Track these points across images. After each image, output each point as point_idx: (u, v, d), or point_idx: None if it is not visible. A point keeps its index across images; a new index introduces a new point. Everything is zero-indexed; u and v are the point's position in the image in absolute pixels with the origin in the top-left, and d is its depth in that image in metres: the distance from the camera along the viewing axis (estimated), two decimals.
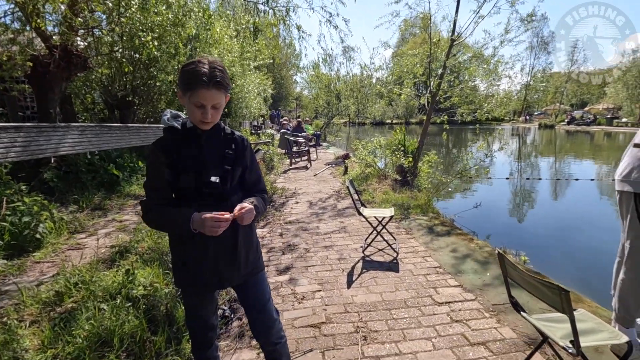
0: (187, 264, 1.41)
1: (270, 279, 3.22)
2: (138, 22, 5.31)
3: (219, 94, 1.27)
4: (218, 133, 1.41)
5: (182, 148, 1.34)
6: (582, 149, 20.09)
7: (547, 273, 3.46)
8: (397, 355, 2.18)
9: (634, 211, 2.01)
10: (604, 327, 1.75)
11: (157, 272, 2.39)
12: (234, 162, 1.40)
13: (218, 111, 1.32)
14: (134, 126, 2.25)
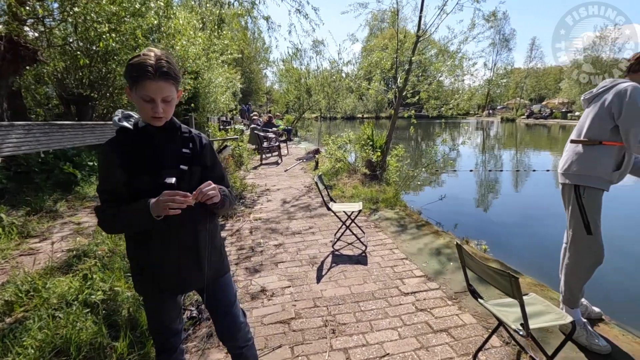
0: (146, 269, 1.36)
1: (240, 277, 3.20)
2: (92, 12, 5.01)
3: (167, 86, 1.21)
4: (173, 131, 1.35)
5: (136, 148, 1.28)
6: (540, 142, 21.29)
7: (506, 260, 3.66)
8: (364, 346, 2.23)
9: (575, 202, 2.17)
10: (551, 309, 1.88)
11: (119, 275, 2.30)
12: (191, 162, 1.36)
13: (170, 105, 1.26)
14: (89, 124, 2.11)
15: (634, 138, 1.86)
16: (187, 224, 1.30)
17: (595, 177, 2.12)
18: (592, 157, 2.12)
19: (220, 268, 1.49)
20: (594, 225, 2.14)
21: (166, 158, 1.31)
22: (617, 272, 3.84)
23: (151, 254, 1.33)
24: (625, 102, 1.90)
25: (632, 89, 1.91)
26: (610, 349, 2.11)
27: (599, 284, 3.43)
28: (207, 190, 1.22)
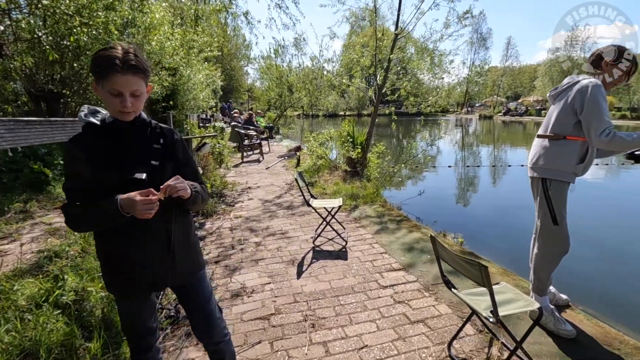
0: (117, 268, 1.33)
1: (220, 275, 3.17)
2: (63, 5, 4.82)
3: (136, 80, 1.19)
4: (143, 126, 1.33)
5: (103, 144, 1.25)
6: (516, 138, 21.96)
7: (481, 252, 3.78)
8: (343, 339, 2.27)
9: (542, 194, 2.27)
10: (520, 297, 1.96)
11: (92, 275, 2.24)
12: (163, 157, 1.34)
13: (139, 100, 1.24)
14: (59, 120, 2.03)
15: (594, 132, 1.96)
16: (158, 221, 1.27)
17: (560, 170, 2.22)
18: (558, 152, 2.21)
19: (194, 265, 1.48)
20: (560, 217, 2.24)
21: (136, 153, 1.29)
22: (583, 261, 4.02)
23: (122, 251, 1.30)
24: (587, 98, 1.99)
25: (592, 86, 2.00)
26: (575, 333, 2.22)
27: (567, 273, 3.59)
28: (176, 183, 1.21)
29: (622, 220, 5.76)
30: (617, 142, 1.85)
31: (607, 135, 1.86)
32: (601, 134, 1.88)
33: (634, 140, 1.86)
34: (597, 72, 2.20)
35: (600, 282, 3.63)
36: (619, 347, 2.13)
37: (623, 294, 3.41)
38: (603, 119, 1.90)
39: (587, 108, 1.98)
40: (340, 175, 6.74)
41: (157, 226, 1.31)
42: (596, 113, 1.94)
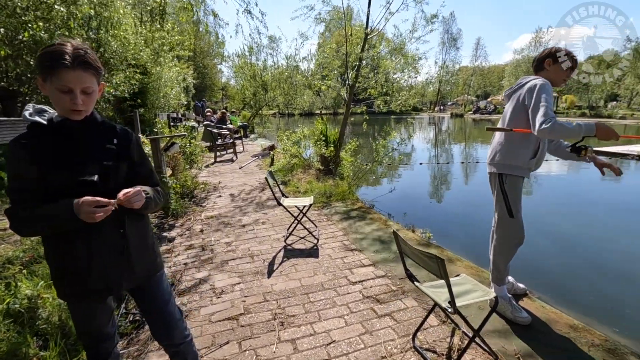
0: (68, 272, 1.27)
1: (188, 276, 3.12)
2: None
3: (87, 76, 1.16)
4: (95, 125, 1.29)
5: (51, 143, 1.20)
6: (486, 135, 22.77)
7: (449, 246, 3.90)
8: (311, 336, 2.29)
9: (499, 188, 2.38)
10: (478, 288, 2.05)
11: (48, 281, 2.15)
12: (116, 157, 1.30)
13: (90, 98, 1.20)
14: (9, 120, 1.91)
15: (537, 122, 2.04)
16: (111, 223, 1.24)
17: (515, 165, 2.33)
18: (512, 148, 2.33)
19: (152, 267, 1.45)
20: (515, 209, 2.35)
21: (87, 153, 1.25)
22: (542, 253, 4.25)
23: (75, 255, 1.25)
24: (534, 94, 2.12)
25: (540, 84, 2.13)
26: (531, 320, 2.34)
27: (528, 264, 3.79)
28: (130, 196, 1.20)
29: (582, 214, 6.11)
30: (557, 129, 1.96)
31: (548, 124, 1.97)
32: (542, 124, 1.99)
33: (573, 128, 1.98)
34: (541, 73, 2.35)
35: (557, 272, 3.84)
36: (569, 331, 2.27)
37: (576, 283, 3.63)
38: (546, 111, 2.02)
39: (533, 102, 2.10)
40: (314, 174, 6.77)
41: (110, 229, 1.27)
42: (540, 106, 2.05)
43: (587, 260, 4.20)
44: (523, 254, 2.46)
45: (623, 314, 3.02)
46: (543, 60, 2.30)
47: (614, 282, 3.63)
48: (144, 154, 1.44)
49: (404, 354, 2.10)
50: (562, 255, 4.33)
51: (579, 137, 2.03)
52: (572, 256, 4.31)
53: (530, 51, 45.25)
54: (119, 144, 1.33)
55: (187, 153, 7.42)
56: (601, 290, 3.46)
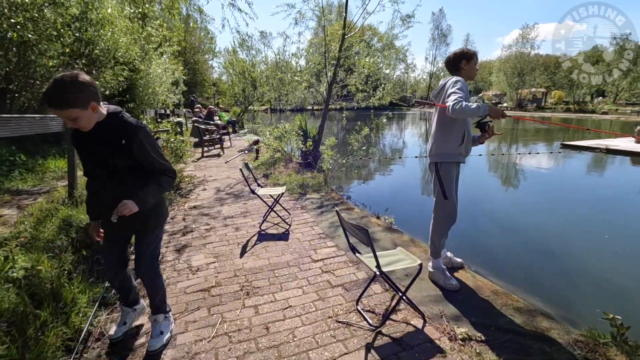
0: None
1: (169, 257, 3.46)
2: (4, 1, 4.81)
3: (63, 112, 1.55)
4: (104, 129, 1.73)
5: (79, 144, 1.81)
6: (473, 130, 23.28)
7: (410, 231, 4.28)
8: (272, 302, 2.66)
9: (435, 174, 2.77)
10: (409, 257, 2.44)
11: (41, 257, 2.48)
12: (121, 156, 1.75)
13: (79, 120, 1.61)
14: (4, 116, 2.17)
15: (450, 105, 2.43)
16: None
17: (446, 153, 2.72)
18: (443, 139, 2.72)
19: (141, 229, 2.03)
20: (449, 192, 2.74)
21: (97, 155, 1.77)
22: (485, 232, 4.69)
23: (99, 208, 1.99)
24: (450, 86, 2.53)
25: (456, 79, 2.55)
26: (459, 286, 2.75)
27: (472, 242, 4.22)
28: (122, 210, 1.71)
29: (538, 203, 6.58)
30: (463, 108, 2.36)
31: (457, 104, 2.37)
32: (453, 105, 2.38)
33: (474, 108, 2.39)
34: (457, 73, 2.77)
35: (497, 250, 4.28)
36: (490, 295, 2.68)
37: (512, 260, 4.07)
38: (455, 97, 2.42)
39: (449, 91, 2.50)
40: (294, 167, 7.12)
41: None
42: (452, 92, 2.46)
43: (526, 240, 4.65)
44: (471, 234, 2.86)
45: (547, 284, 3.45)
46: (459, 62, 2.70)
47: (547, 259, 4.07)
48: (146, 150, 1.79)
49: (347, 314, 2.48)
50: (504, 235, 4.81)
51: (479, 114, 2.47)
52: (512, 236, 4.77)
53: (518, 47, 45.92)
54: (126, 144, 1.73)
55: (172, 148, 7.70)
56: (531, 265, 3.90)
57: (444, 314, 2.45)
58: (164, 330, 2.21)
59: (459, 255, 3.22)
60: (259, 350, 2.13)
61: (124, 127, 1.73)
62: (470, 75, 2.77)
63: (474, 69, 2.77)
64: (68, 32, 6.25)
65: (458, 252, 3.31)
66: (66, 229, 3.03)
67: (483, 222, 5.30)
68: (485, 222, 5.29)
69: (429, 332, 2.26)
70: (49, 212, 3.26)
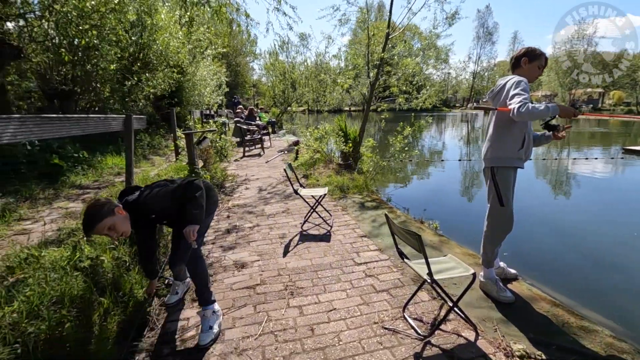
0: None
1: (215, 253, 3.58)
2: (73, 9, 5.24)
3: (97, 232, 1.95)
4: (139, 219, 2.18)
5: None
6: None
7: (456, 238, 4.11)
8: (316, 304, 2.65)
9: (491, 179, 2.62)
10: (461, 266, 2.32)
11: (104, 248, 2.65)
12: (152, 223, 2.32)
13: (115, 229, 1.98)
14: (74, 116, 2.38)
15: (515, 107, 2.27)
16: None
17: (504, 157, 2.56)
18: (501, 142, 2.56)
19: None
20: (506, 199, 2.59)
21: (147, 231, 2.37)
22: (547, 243, 4.37)
23: None
24: (512, 86, 2.38)
25: (517, 79, 2.39)
26: (514, 299, 2.58)
27: (532, 253, 3.96)
28: (189, 236, 2.03)
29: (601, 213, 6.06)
30: (530, 110, 2.19)
31: (523, 107, 2.21)
32: (518, 108, 2.22)
33: (542, 109, 2.21)
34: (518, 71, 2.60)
35: (558, 261, 3.97)
36: (549, 309, 2.49)
37: (576, 274, 3.75)
38: (520, 99, 2.25)
39: (511, 92, 2.34)
40: (334, 168, 7.11)
41: None
42: (515, 94, 2.30)
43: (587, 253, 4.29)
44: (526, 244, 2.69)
45: (613, 301, 3.15)
46: (520, 59, 2.53)
47: (611, 273, 3.72)
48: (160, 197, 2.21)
49: (394, 320, 2.42)
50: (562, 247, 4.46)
51: (547, 116, 2.31)
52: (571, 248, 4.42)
53: (572, 44, 42.77)
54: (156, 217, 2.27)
55: (217, 147, 7.99)
56: (595, 280, 3.58)
57: (497, 327, 2.31)
58: (212, 325, 2.28)
59: (512, 266, 3.03)
60: (305, 352, 2.13)
61: (141, 207, 2.16)
62: (530, 77, 2.56)
63: (535, 71, 2.58)
64: (126, 37, 6.69)
65: (512, 262, 3.12)
66: None
67: (539, 231, 4.96)
68: (541, 232, 4.94)
69: (482, 346, 2.14)
70: None
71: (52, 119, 2.36)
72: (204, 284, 2.34)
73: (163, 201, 2.19)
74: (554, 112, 2.24)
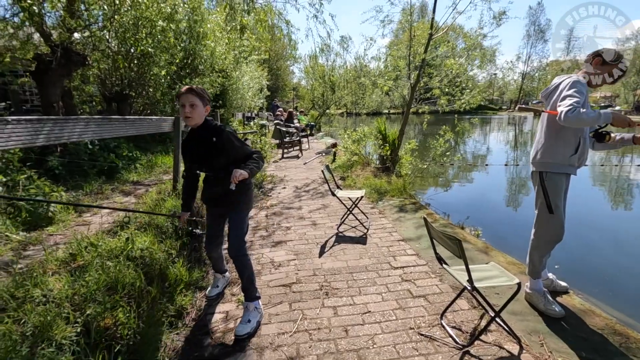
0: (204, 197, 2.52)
1: (253, 251, 3.69)
2: (131, 19, 5.67)
3: (188, 96, 2.16)
4: (203, 129, 2.28)
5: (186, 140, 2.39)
6: None
7: (499, 246, 3.92)
8: (351, 305, 2.65)
9: (539, 185, 2.47)
10: (505, 275, 2.22)
11: (152, 240, 2.84)
12: (216, 148, 2.23)
13: (194, 109, 2.17)
14: (131, 118, 2.64)
15: (563, 112, 2.11)
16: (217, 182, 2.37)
17: (554, 163, 2.41)
18: (551, 146, 2.41)
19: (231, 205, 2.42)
20: (555, 206, 2.43)
21: (198, 147, 2.30)
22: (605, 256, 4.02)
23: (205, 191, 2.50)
24: (565, 88, 2.21)
25: (573, 80, 2.21)
26: (564, 313, 2.40)
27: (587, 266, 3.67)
28: (236, 176, 2.07)
29: None
30: (578, 116, 2.02)
31: (572, 112, 2.05)
32: (567, 112, 2.06)
33: (593, 116, 2.04)
34: (597, 72, 2.36)
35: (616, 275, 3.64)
36: (603, 327, 2.29)
37: (632, 290, 3.42)
38: (571, 102, 2.09)
39: (562, 94, 2.18)
40: (372, 171, 7.05)
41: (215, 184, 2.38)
42: (567, 97, 2.13)
43: None
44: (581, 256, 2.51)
45: None
46: (592, 60, 2.31)
47: None
48: (234, 143, 2.26)
49: (430, 327, 2.35)
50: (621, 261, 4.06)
51: (597, 124, 2.13)
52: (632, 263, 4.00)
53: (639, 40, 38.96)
54: (217, 140, 2.20)
55: (257, 148, 8.23)
56: None
57: (544, 342, 2.17)
58: (251, 319, 2.35)
59: (567, 280, 2.82)
60: (339, 352, 2.13)
61: (213, 129, 2.26)
62: (592, 80, 2.34)
63: (604, 76, 2.31)
64: (176, 44, 7.12)
65: (563, 275, 2.91)
66: (171, 218, 3.42)
67: (596, 242, 4.58)
68: (598, 243, 4.56)
69: None
70: (158, 202, 3.72)
71: (112, 120, 2.58)
72: (250, 280, 2.43)
73: (235, 146, 2.28)
74: (605, 120, 2.07)
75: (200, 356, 2.15)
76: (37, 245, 2.83)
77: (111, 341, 1.85)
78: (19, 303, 1.74)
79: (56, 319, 1.71)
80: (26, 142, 1.87)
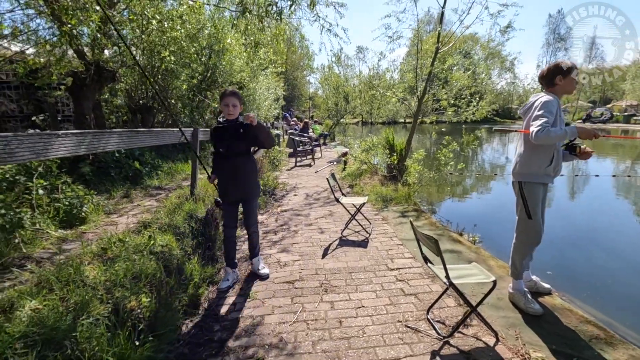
0: (221, 188, 3.15)
1: (262, 252, 4.00)
2: (157, 39, 6.19)
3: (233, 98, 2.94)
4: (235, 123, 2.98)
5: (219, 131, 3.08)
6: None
7: (494, 250, 4.09)
8: (346, 301, 2.92)
9: (519, 193, 2.70)
10: (483, 274, 2.44)
11: (171, 238, 3.20)
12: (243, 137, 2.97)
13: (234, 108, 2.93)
14: (155, 130, 3.00)
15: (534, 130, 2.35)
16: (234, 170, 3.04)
17: (532, 173, 2.63)
18: (529, 158, 2.63)
19: (249, 192, 3.16)
20: (534, 212, 2.64)
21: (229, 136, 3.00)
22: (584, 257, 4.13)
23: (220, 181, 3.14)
24: (537, 108, 2.44)
25: (545, 100, 2.44)
26: (542, 311, 2.60)
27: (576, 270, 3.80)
28: (251, 117, 2.77)
29: None
30: (547, 134, 2.25)
31: (542, 132, 2.28)
32: (537, 132, 2.30)
33: (560, 133, 2.27)
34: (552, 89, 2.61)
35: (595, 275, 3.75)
36: (577, 324, 2.47)
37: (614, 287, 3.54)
38: (541, 122, 2.32)
39: (534, 115, 2.42)
40: (380, 179, 7.29)
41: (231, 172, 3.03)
42: (538, 117, 2.37)
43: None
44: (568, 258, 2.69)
45: None
46: (553, 78, 2.56)
47: None
48: (257, 131, 2.90)
49: (417, 321, 2.59)
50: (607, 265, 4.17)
51: (565, 139, 2.40)
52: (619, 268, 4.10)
53: None
54: (244, 132, 2.94)
55: (270, 157, 8.61)
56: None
57: (520, 336, 2.37)
58: (263, 265, 3.48)
59: (552, 283, 3.00)
60: (332, 339, 2.40)
61: (241, 123, 2.96)
62: (567, 90, 2.61)
63: (571, 83, 2.58)
64: (197, 60, 7.63)
65: (551, 278, 3.09)
66: (188, 220, 3.79)
67: (585, 248, 4.69)
68: (587, 249, 4.66)
69: (500, 351, 2.24)
70: (177, 206, 4.10)
71: (139, 132, 2.97)
72: (257, 243, 3.40)
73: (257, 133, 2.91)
74: (572, 135, 2.32)
75: (209, 339, 2.47)
76: (73, 241, 3.23)
77: (135, 320, 2.18)
78: (62, 285, 2.10)
79: (92, 299, 2.06)
80: (72, 151, 2.25)
